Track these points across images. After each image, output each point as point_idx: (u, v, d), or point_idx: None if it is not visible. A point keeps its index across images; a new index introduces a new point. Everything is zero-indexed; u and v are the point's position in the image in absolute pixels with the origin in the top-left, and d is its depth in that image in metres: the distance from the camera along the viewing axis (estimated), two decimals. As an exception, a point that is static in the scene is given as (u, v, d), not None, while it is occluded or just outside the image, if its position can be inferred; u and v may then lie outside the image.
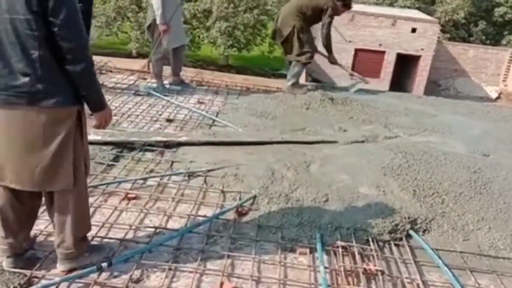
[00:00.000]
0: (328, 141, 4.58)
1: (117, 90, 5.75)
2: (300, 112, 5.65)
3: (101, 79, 6.10)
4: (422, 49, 14.79)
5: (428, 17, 13.26)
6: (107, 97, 5.31)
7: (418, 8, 15.43)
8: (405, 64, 14.05)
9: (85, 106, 2.26)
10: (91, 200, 3.08)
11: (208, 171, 3.70)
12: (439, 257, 2.94)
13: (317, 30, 6.98)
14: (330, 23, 6.36)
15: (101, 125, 2.37)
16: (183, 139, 4.19)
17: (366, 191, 3.59)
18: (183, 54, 6.12)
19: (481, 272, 2.90)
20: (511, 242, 3.17)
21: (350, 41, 11.82)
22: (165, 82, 6.07)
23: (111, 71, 6.56)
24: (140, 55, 7.44)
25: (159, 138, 4.13)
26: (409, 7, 15.39)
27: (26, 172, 2.16)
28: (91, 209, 2.99)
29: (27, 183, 2.19)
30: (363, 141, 4.71)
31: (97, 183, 3.38)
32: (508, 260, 3.04)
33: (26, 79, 2.03)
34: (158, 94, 5.70)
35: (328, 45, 6.55)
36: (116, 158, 3.84)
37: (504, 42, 18.77)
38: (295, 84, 6.51)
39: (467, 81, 17.84)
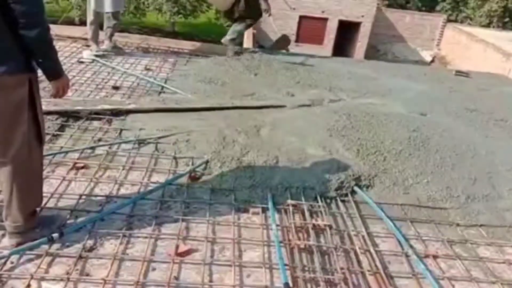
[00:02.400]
0: (277, 106, 4.65)
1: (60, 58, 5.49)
2: (249, 78, 5.67)
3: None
4: (363, 16, 15.09)
5: (368, -16, 13.51)
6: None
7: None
8: (346, 31, 14.31)
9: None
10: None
11: (159, 138, 3.68)
12: (382, 210, 3.13)
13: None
14: None
15: (58, 94, 2.30)
16: (131, 106, 4.11)
17: (314, 152, 3.71)
18: (118, 20, 5.94)
19: (420, 222, 3.12)
20: (446, 194, 3.41)
21: (294, 8, 11.87)
22: (103, 47, 5.88)
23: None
24: (83, 23, 7.09)
25: (106, 106, 4.03)
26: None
27: None
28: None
29: None
30: (309, 105, 4.83)
31: (43, 153, 3.27)
32: (444, 210, 3.28)
33: None
34: (103, 61, 5.52)
35: None
36: (62, 128, 3.72)
37: (438, 8, 19.48)
38: (233, 40, 6.50)
39: (404, 46, 18.47)
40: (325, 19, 13.25)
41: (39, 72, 2.21)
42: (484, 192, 3.49)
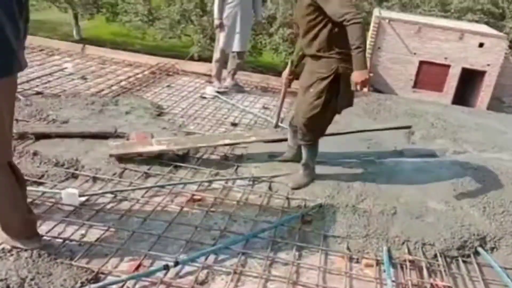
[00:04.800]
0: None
1: (183, 93, 5.86)
2: (367, 121, 5.54)
3: (168, 81, 6.27)
4: (488, 65, 14.19)
5: (497, 32, 12.74)
6: (174, 99, 5.46)
7: (487, 23, 14.85)
8: (470, 79, 13.54)
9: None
10: (157, 199, 3.17)
11: (273, 177, 3.69)
12: (508, 276, 2.78)
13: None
14: None
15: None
16: (252, 139, 4.23)
17: (435, 206, 3.46)
18: (242, 59, 6.19)
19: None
20: None
21: (415, 53, 11.54)
22: (225, 84, 6.16)
23: (177, 73, 6.70)
24: (201, 59, 7.56)
25: (227, 141, 4.11)
26: (477, 21, 14.83)
27: None
28: (157, 209, 3.06)
29: None
30: (432, 155, 4.55)
31: (164, 183, 3.43)
32: None
33: None
34: (224, 98, 5.77)
35: None
36: (183, 160, 3.89)
37: None
38: None
39: (534, 99, 16.94)
40: (447, 66, 12.66)
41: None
42: None
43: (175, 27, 13.34)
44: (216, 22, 5.81)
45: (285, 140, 4.10)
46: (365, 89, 3.12)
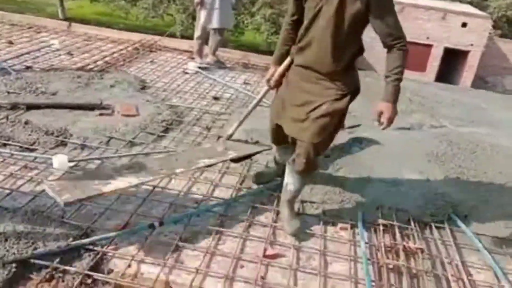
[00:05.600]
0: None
1: (166, 68, 5.94)
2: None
3: (151, 57, 6.33)
4: (472, 45, 14.34)
5: (480, 12, 12.86)
6: (157, 74, 5.53)
7: (470, 3, 14.96)
8: (452, 59, 13.69)
9: None
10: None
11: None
12: (480, 241, 2.96)
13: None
14: None
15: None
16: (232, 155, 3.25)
17: (409, 175, 3.61)
18: (223, 36, 6.28)
19: (521, 259, 2.90)
20: (556, 233, 3.14)
21: (397, 33, 11.64)
22: (206, 60, 6.24)
23: (160, 50, 6.76)
24: (184, 37, 7.62)
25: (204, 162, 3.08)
26: (460, 1, 14.95)
27: None
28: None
29: None
30: (408, 128, 4.71)
31: (149, 151, 3.55)
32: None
33: None
34: (205, 73, 5.86)
35: None
36: (166, 130, 4.00)
37: (560, 40, 18.00)
38: None
39: (517, 79, 17.25)
40: (430, 46, 12.73)
41: None
42: None
43: (158, 6, 13.27)
44: None
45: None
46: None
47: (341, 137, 4.11)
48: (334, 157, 3.67)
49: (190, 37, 6.93)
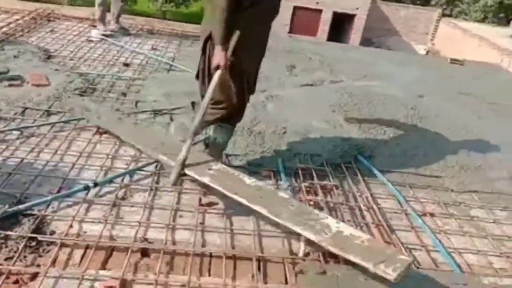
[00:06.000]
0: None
1: (68, 37, 5.71)
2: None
3: (50, 26, 6.03)
4: (357, 8, 15.30)
5: (364, -23, 13.70)
6: (60, 43, 5.33)
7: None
8: (341, 23, 14.52)
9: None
10: (64, 133, 3.26)
11: (173, 109, 3.91)
12: (383, 175, 3.40)
13: None
14: None
15: None
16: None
17: (318, 125, 3.98)
18: (125, 2, 6.16)
19: (418, 187, 3.39)
20: (442, 164, 3.69)
21: (289, -2, 12.05)
22: (110, 27, 6.10)
23: (59, 18, 6.44)
24: (82, 5, 7.32)
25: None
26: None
27: None
28: (66, 142, 3.17)
29: None
30: (311, 85, 5.09)
31: (68, 118, 3.51)
32: (440, 178, 3.55)
33: None
34: (111, 40, 5.74)
35: None
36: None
37: (433, 2, 19.74)
38: None
39: (398, 39, 18.72)
40: (320, 11, 13.36)
41: None
42: (476, 163, 3.77)
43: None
44: None
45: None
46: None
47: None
48: (251, 114, 3.90)
49: (91, 4, 6.67)
